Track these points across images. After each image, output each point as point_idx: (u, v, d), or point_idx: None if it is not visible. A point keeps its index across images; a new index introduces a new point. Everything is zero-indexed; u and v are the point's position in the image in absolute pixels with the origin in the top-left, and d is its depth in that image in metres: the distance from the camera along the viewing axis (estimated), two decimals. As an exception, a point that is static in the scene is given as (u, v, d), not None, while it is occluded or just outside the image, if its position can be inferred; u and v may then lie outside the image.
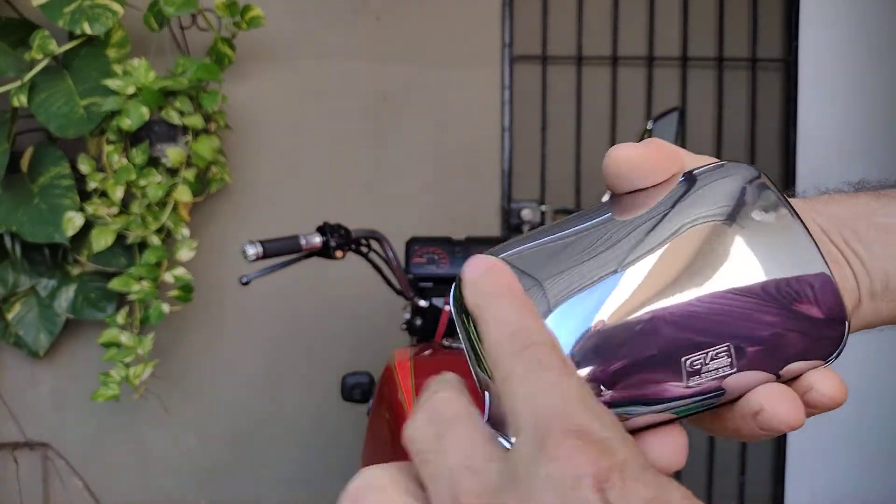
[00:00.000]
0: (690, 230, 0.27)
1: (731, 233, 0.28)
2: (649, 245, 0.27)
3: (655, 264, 0.27)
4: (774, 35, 2.04)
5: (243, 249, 1.24)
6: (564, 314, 0.26)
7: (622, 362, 0.26)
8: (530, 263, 0.27)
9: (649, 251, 0.27)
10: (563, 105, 1.98)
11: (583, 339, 0.26)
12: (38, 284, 1.71)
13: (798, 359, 0.27)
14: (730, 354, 0.26)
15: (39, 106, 1.54)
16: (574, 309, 0.26)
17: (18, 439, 1.87)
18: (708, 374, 0.26)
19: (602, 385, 0.25)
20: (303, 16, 1.88)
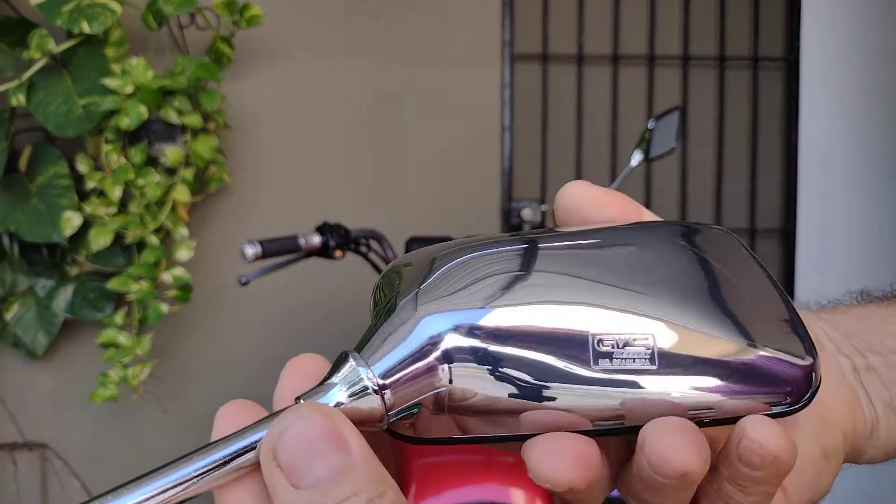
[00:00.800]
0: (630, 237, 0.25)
1: (681, 248, 0.25)
2: (578, 240, 0.25)
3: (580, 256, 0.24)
4: (776, 34, 2.03)
5: (242, 249, 1.24)
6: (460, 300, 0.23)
7: (520, 332, 0.22)
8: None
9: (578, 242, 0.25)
10: (564, 104, 1.98)
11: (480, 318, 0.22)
12: (36, 284, 1.70)
13: (738, 391, 0.22)
14: (651, 347, 0.22)
15: (38, 105, 1.54)
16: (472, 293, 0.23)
17: (17, 440, 1.86)
18: (621, 362, 0.22)
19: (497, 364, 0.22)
20: (302, 14, 1.87)
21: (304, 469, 0.19)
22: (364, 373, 0.22)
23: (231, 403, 0.23)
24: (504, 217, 1.94)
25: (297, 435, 0.20)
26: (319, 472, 0.19)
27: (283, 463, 0.20)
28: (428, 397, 0.22)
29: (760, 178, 2.04)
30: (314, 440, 0.20)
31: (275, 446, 0.20)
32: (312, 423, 0.20)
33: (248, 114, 1.85)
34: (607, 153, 2.00)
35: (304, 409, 0.20)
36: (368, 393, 0.22)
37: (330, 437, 0.20)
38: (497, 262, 0.24)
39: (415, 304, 0.23)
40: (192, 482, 0.21)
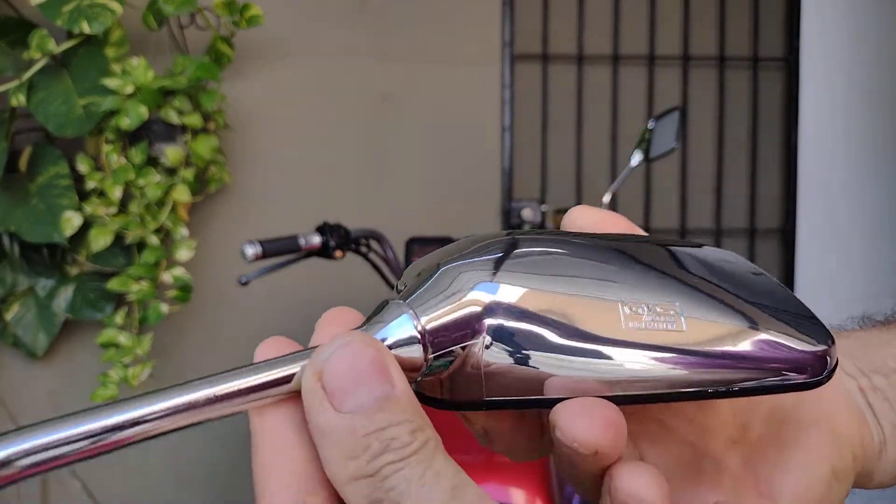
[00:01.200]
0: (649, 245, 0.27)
1: (692, 253, 0.27)
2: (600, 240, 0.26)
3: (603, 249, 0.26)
4: (776, 34, 2.03)
5: (242, 249, 1.24)
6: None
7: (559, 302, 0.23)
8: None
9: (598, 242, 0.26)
10: (564, 104, 1.98)
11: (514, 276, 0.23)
12: (36, 285, 1.70)
13: (761, 363, 0.23)
14: (677, 311, 0.24)
15: (38, 105, 1.54)
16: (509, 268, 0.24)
17: (17, 440, 1.86)
18: (651, 322, 0.23)
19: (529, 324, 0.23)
20: (302, 14, 1.87)
21: (349, 393, 0.19)
22: (411, 319, 0.22)
23: (271, 339, 0.23)
24: (504, 217, 1.94)
25: (343, 359, 0.20)
26: (364, 398, 0.19)
27: (328, 385, 0.20)
28: (466, 349, 0.23)
29: (760, 178, 2.04)
30: (361, 366, 0.20)
31: (321, 368, 0.20)
32: (359, 350, 0.20)
33: (249, 114, 1.85)
34: (607, 153, 2.00)
35: (352, 337, 0.21)
36: (414, 340, 0.22)
37: (376, 366, 0.20)
38: (544, 247, 0.25)
39: (457, 266, 0.24)
40: (228, 399, 0.21)
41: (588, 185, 1.98)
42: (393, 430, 0.19)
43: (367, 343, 0.20)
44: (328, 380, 0.20)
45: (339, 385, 0.20)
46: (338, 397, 0.20)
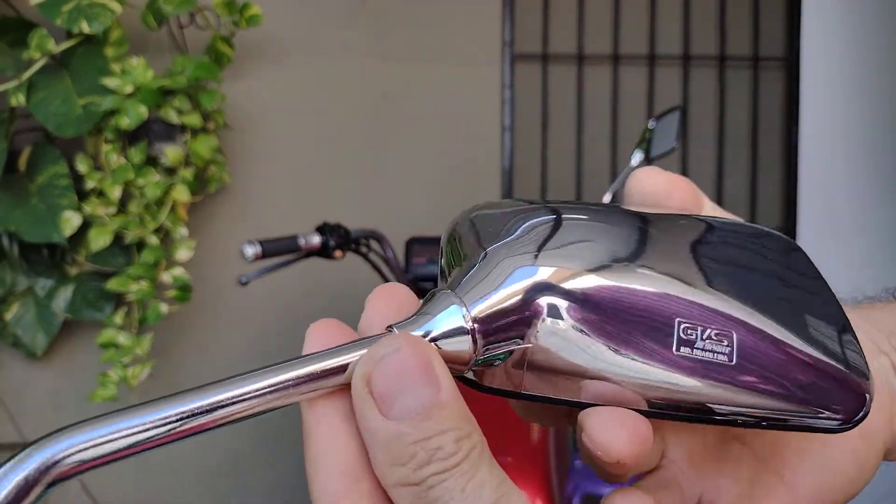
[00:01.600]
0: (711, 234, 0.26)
1: (754, 252, 0.26)
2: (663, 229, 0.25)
3: (668, 245, 0.24)
4: (776, 33, 2.03)
5: (242, 249, 1.24)
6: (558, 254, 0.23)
7: (611, 304, 0.22)
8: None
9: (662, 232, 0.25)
10: (564, 104, 1.98)
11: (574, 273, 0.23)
12: (35, 284, 1.70)
13: (797, 400, 0.23)
14: (731, 342, 0.23)
15: (37, 105, 1.54)
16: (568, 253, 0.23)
17: (16, 440, 1.86)
18: (701, 352, 0.23)
19: (584, 326, 0.22)
20: (302, 14, 1.87)
21: (396, 399, 0.20)
22: (460, 310, 0.22)
23: (323, 321, 0.24)
24: (504, 217, 1.94)
25: (392, 364, 0.20)
26: (410, 405, 0.20)
27: (377, 390, 0.20)
28: (516, 349, 0.22)
29: (760, 178, 2.04)
30: (408, 372, 0.20)
31: (370, 372, 0.20)
32: (407, 354, 0.20)
33: (248, 114, 1.85)
34: (607, 153, 2.00)
35: (400, 340, 0.21)
36: (462, 331, 0.22)
37: (423, 371, 0.20)
38: (593, 230, 0.24)
39: (512, 254, 0.23)
40: (281, 391, 0.21)
41: (588, 185, 1.97)
42: (438, 440, 0.19)
43: (414, 346, 0.20)
44: (375, 385, 0.20)
45: (386, 391, 0.20)
46: (385, 403, 0.20)
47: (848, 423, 0.23)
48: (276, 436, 1.92)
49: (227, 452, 1.92)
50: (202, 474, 1.91)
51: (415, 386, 0.20)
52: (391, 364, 0.20)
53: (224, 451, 1.92)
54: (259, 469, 1.93)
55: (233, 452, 1.92)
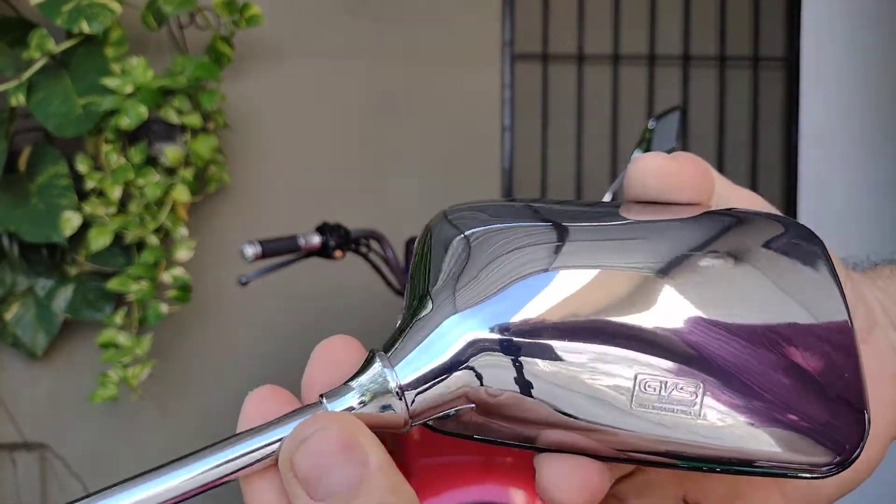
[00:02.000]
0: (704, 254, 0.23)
1: (750, 268, 0.23)
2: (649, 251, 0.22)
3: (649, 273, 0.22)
4: (776, 33, 2.03)
5: (242, 249, 1.24)
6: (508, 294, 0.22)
7: (560, 365, 0.21)
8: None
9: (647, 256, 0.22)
10: (564, 104, 1.98)
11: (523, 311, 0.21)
12: (35, 285, 1.70)
13: (779, 452, 0.21)
14: (697, 396, 0.21)
15: (37, 105, 1.54)
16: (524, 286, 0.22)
17: (16, 440, 1.86)
18: (661, 407, 0.21)
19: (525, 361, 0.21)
20: (302, 14, 1.87)
21: (321, 481, 0.19)
22: (390, 376, 0.22)
23: (263, 389, 0.23)
24: (504, 217, 1.94)
25: (313, 446, 0.20)
26: (335, 485, 0.19)
27: (300, 474, 0.20)
28: (455, 409, 0.22)
29: (760, 178, 2.04)
30: (330, 452, 0.20)
31: (292, 457, 0.20)
32: (329, 434, 0.20)
33: (248, 114, 1.85)
34: (607, 153, 2.00)
35: (322, 420, 0.20)
36: (392, 398, 0.22)
37: (347, 449, 0.20)
38: (548, 254, 0.22)
39: (452, 304, 0.22)
40: (214, 471, 0.22)
41: (588, 185, 1.97)
42: None
43: (337, 424, 0.20)
44: (299, 469, 0.20)
45: (309, 474, 0.20)
46: (311, 485, 0.20)
47: (837, 467, 0.22)
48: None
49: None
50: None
51: (338, 466, 0.19)
52: (313, 446, 0.20)
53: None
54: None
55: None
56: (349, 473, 0.19)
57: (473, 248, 0.23)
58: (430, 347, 0.22)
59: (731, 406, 0.21)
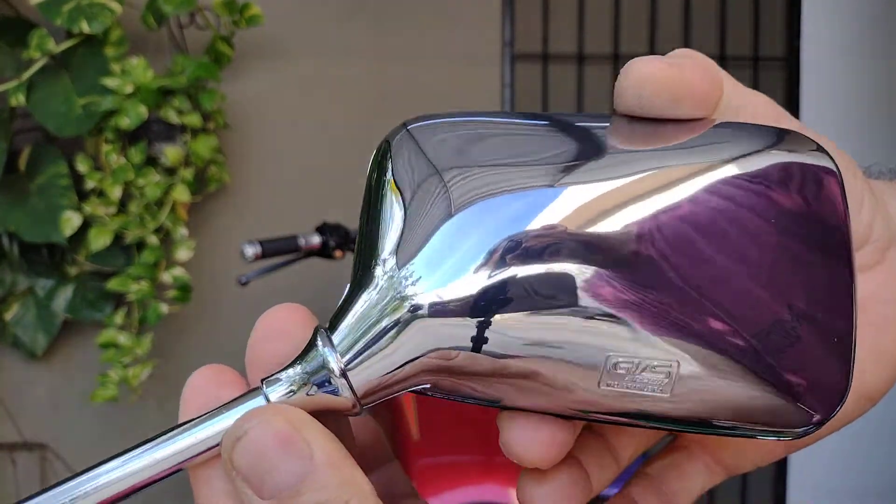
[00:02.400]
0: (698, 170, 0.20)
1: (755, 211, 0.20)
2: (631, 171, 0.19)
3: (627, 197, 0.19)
4: (777, 33, 2.03)
5: (242, 249, 1.24)
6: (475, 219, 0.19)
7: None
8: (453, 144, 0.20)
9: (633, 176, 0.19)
10: (565, 104, 1.98)
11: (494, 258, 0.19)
12: (35, 284, 1.70)
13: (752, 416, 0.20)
14: (670, 376, 0.19)
15: (37, 105, 1.54)
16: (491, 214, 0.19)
17: (16, 440, 1.86)
18: (630, 385, 0.19)
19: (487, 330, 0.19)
20: (302, 14, 1.87)
21: (264, 479, 0.18)
22: (331, 357, 0.20)
23: (205, 370, 0.22)
24: (504, 217, 1.94)
25: (251, 444, 0.18)
26: (279, 482, 0.18)
27: (242, 472, 0.19)
28: (406, 389, 0.20)
29: (761, 178, 2.04)
30: (269, 448, 0.18)
31: (231, 455, 0.19)
32: (267, 429, 0.18)
33: (248, 114, 1.85)
34: (607, 153, 2.00)
35: (259, 414, 0.19)
36: (336, 381, 0.20)
37: (286, 444, 0.18)
38: (520, 198, 0.19)
39: (398, 263, 0.20)
40: (159, 464, 0.21)
41: (588, 185, 1.98)
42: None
43: (276, 415, 0.19)
44: (240, 467, 0.19)
45: (251, 472, 0.18)
46: (255, 483, 0.18)
47: (814, 426, 0.20)
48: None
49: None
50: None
51: (280, 462, 0.18)
52: (251, 443, 0.18)
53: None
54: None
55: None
56: (293, 468, 0.18)
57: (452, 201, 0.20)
58: (375, 326, 0.20)
59: (706, 366, 0.19)
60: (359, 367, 0.20)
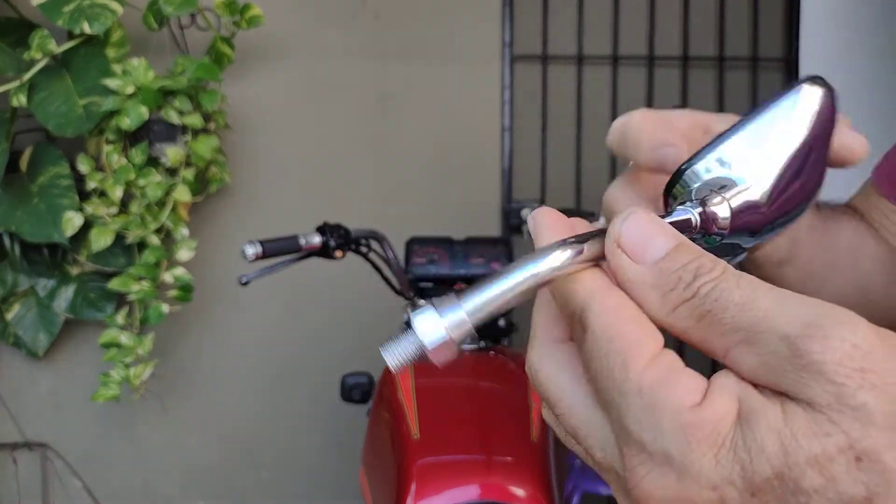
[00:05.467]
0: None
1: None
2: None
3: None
4: (775, 34, 2.04)
5: (243, 249, 1.24)
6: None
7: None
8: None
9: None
10: (564, 105, 1.98)
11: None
12: (37, 284, 1.71)
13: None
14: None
15: (38, 105, 1.54)
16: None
17: (17, 440, 1.86)
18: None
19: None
20: (302, 15, 1.88)
21: (647, 248, 0.24)
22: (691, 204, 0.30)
23: (545, 210, 0.27)
24: (504, 217, 1.94)
25: (635, 224, 0.24)
26: (659, 248, 0.24)
27: (627, 248, 0.24)
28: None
29: (760, 179, 2.05)
30: (648, 225, 0.24)
31: (618, 234, 0.24)
32: (642, 215, 0.25)
33: (249, 114, 1.85)
34: (607, 153, 2.00)
35: (631, 210, 0.25)
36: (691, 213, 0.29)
37: (658, 225, 0.25)
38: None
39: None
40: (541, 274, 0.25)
41: (588, 186, 1.98)
42: (695, 262, 0.23)
43: (644, 211, 0.25)
44: (626, 243, 0.24)
45: (637, 244, 0.24)
46: (638, 253, 0.24)
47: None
48: (272, 438, 1.93)
49: (225, 452, 1.92)
50: (201, 474, 1.92)
51: (657, 235, 0.24)
52: (634, 224, 0.24)
53: (222, 451, 1.92)
54: (256, 470, 1.94)
55: (231, 453, 1.93)
56: (668, 236, 0.24)
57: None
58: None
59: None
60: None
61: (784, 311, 0.22)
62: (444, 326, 0.24)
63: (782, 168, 0.31)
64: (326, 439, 1.92)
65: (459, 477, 1.03)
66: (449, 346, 0.24)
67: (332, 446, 1.92)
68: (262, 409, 1.92)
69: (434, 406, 1.16)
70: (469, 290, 0.24)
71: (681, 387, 0.22)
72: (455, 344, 0.24)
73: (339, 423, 1.89)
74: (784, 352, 0.21)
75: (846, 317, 0.21)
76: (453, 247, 1.47)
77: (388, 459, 1.13)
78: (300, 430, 1.93)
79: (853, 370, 0.20)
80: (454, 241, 1.48)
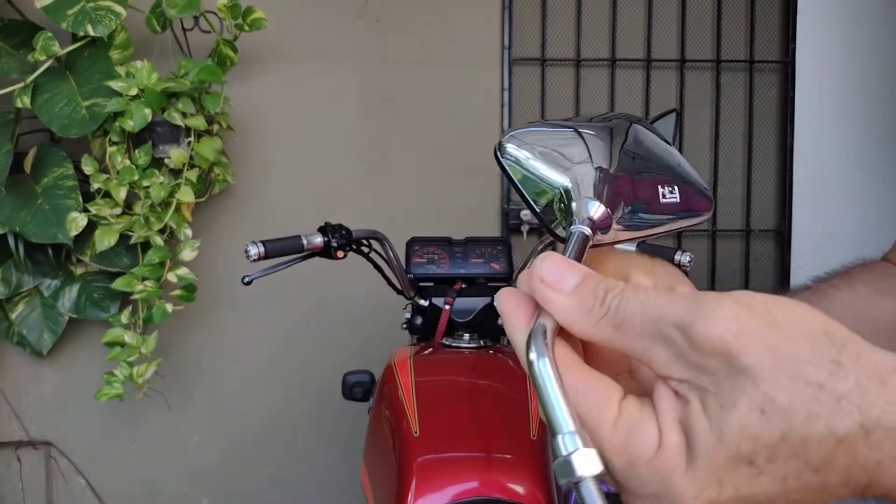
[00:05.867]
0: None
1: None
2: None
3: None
4: (772, 37, 2.05)
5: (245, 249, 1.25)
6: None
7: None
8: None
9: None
10: (562, 107, 2.00)
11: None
12: (41, 284, 1.72)
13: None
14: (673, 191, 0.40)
15: (42, 107, 1.55)
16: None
17: (21, 438, 1.88)
18: (670, 196, 0.39)
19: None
20: (304, 18, 1.89)
21: (564, 279, 0.30)
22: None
23: (507, 296, 0.33)
24: (504, 218, 1.96)
25: (552, 263, 0.31)
26: (574, 278, 0.30)
27: (548, 280, 0.30)
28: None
29: (755, 180, 2.06)
30: (561, 265, 0.31)
31: (540, 274, 0.30)
32: (556, 257, 0.31)
33: (252, 116, 1.87)
34: (605, 155, 2.01)
35: (547, 253, 0.31)
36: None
37: (567, 263, 0.31)
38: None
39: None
40: None
41: (586, 187, 1.99)
42: (604, 283, 0.30)
43: (556, 254, 0.31)
44: (547, 279, 0.30)
45: (556, 280, 0.30)
46: (559, 284, 0.30)
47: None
48: (275, 437, 1.94)
49: (228, 451, 1.94)
50: (204, 472, 1.93)
51: (569, 268, 0.30)
52: (549, 263, 0.31)
53: (225, 449, 1.94)
54: (259, 468, 1.95)
55: (234, 451, 1.94)
56: (579, 270, 0.30)
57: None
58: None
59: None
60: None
61: (675, 305, 0.27)
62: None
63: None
64: (330, 437, 1.94)
65: (459, 473, 1.04)
66: None
67: (335, 444, 1.93)
68: (263, 408, 1.93)
69: (434, 404, 1.17)
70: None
71: (645, 440, 0.27)
72: None
73: (341, 422, 1.90)
74: (680, 338, 0.26)
75: (721, 299, 0.26)
76: (453, 247, 1.48)
77: (388, 456, 1.14)
78: (302, 428, 1.95)
79: (733, 338, 0.25)
80: (454, 242, 1.49)
